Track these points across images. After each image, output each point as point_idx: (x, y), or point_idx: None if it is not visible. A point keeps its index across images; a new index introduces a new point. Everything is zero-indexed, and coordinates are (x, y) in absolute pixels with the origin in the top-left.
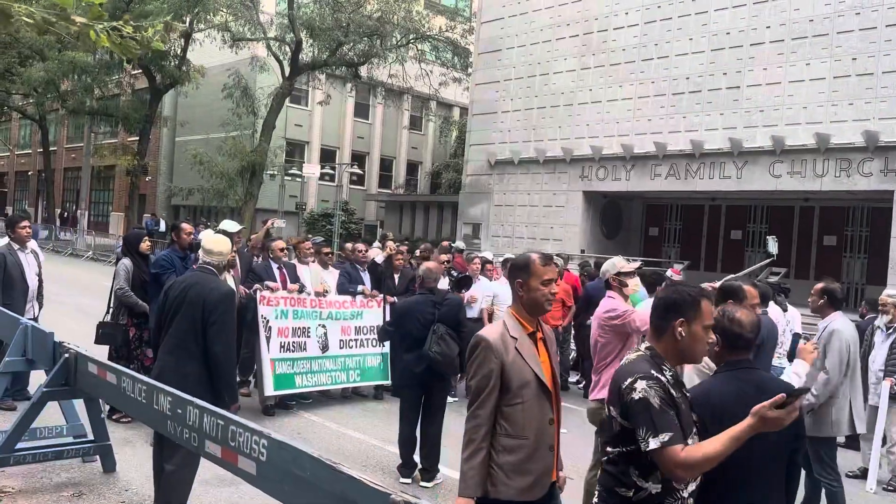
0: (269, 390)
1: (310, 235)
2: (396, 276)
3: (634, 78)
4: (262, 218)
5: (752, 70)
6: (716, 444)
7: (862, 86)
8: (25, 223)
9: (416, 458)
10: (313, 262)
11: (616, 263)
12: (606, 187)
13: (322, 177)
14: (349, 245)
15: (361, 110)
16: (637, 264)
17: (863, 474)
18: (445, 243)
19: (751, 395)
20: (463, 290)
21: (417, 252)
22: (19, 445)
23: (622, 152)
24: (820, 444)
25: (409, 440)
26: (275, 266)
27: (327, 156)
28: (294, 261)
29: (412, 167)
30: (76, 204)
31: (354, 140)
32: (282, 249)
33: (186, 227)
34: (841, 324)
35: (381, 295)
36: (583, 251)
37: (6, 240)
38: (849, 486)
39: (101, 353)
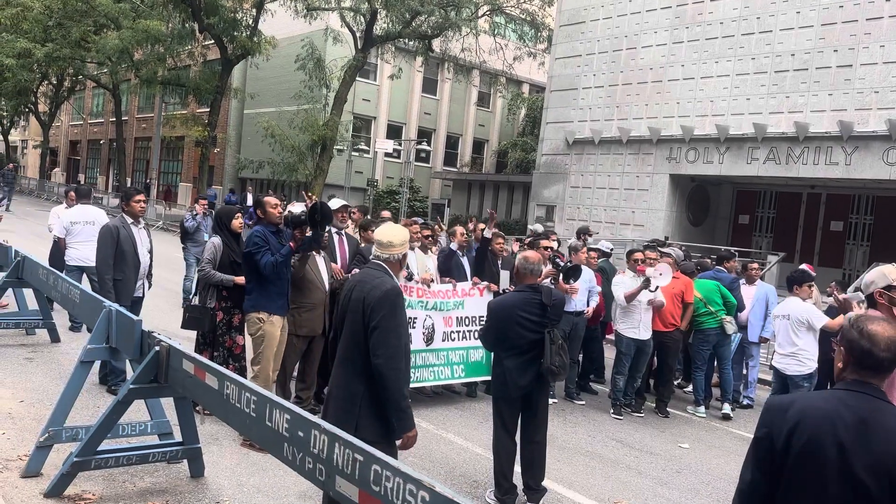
0: None
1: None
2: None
3: (732, 54)
4: (329, 193)
5: (867, 47)
6: None
7: None
8: (141, 197)
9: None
10: (418, 246)
11: (887, 273)
12: (696, 170)
13: (389, 153)
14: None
15: (429, 86)
16: None
17: None
18: (535, 228)
19: (847, 423)
20: (571, 282)
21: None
22: (101, 447)
23: (716, 133)
24: None
25: (510, 461)
26: None
27: (394, 132)
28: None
29: (478, 145)
30: (146, 174)
31: (421, 116)
32: None
33: (271, 200)
34: None
35: (485, 283)
36: (666, 238)
37: (95, 213)
38: None
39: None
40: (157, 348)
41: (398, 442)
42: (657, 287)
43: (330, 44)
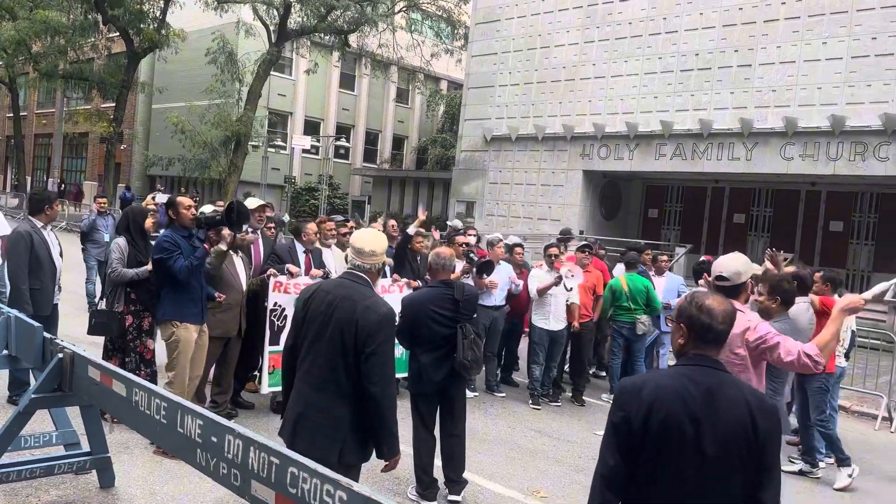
0: (265, 387)
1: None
2: (419, 260)
3: (640, 53)
4: (244, 191)
5: (764, 48)
6: None
7: (881, 66)
8: (58, 200)
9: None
10: (335, 243)
11: (748, 262)
12: (608, 166)
13: (307, 149)
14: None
15: (347, 81)
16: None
17: None
18: (455, 224)
19: (695, 398)
20: (484, 277)
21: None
22: (1, 460)
23: (626, 130)
24: None
25: (430, 455)
26: (300, 249)
27: (311, 128)
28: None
29: (398, 141)
30: (48, 172)
31: (339, 112)
32: (316, 233)
33: (185, 200)
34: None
35: (404, 280)
36: (581, 232)
37: None
38: None
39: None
40: (60, 355)
41: (385, 464)
42: (572, 287)
43: (242, 37)
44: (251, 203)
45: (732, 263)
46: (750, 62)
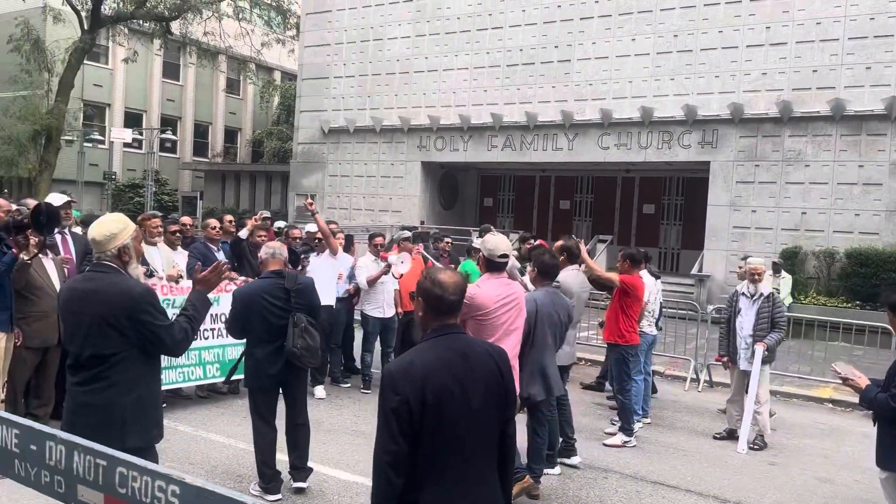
0: None
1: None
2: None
3: (470, 48)
4: (59, 189)
5: (581, 44)
6: None
7: (682, 62)
8: None
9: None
10: (161, 240)
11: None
12: (444, 158)
13: (128, 143)
14: (211, 221)
15: (171, 70)
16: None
17: (729, 436)
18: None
19: (457, 362)
20: (299, 269)
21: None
22: None
23: (459, 123)
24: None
25: (271, 448)
26: None
27: (133, 120)
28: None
29: (231, 134)
30: None
31: (164, 103)
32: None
33: (1, 202)
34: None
35: (242, 277)
36: (422, 222)
37: None
38: (716, 449)
39: None
40: None
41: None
42: (401, 274)
43: (50, 23)
44: (57, 199)
45: (505, 243)
46: (569, 57)
